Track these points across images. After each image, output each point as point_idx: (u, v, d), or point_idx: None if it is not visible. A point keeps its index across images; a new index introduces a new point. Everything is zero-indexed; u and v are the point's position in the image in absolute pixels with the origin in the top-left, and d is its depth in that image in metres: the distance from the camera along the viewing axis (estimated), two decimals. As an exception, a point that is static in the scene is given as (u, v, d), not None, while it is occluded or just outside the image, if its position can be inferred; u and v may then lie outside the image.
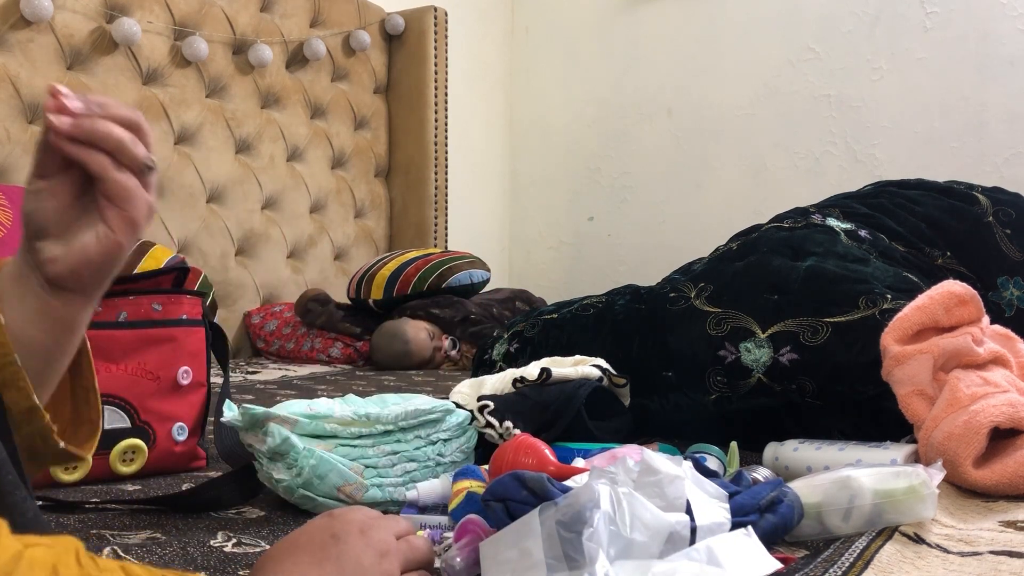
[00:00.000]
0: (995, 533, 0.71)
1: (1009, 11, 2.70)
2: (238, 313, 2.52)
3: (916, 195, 1.34)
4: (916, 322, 0.93)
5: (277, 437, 0.77)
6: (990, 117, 2.73)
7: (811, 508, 0.70)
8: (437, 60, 3.03)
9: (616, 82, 3.46)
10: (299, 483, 0.77)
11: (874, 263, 1.14)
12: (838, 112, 2.99)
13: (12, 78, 1.97)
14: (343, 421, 0.80)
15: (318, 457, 0.77)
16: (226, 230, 2.48)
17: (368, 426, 0.81)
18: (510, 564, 0.53)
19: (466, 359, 2.27)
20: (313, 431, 0.79)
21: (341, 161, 2.91)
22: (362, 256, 2.94)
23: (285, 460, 0.77)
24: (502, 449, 0.75)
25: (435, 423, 0.86)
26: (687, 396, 1.11)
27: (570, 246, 3.62)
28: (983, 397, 0.86)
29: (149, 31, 2.26)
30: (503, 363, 1.31)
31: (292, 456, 0.77)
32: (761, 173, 3.14)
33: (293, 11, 2.70)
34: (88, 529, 0.73)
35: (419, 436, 0.84)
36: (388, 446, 0.82)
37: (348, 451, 0.80)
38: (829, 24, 2.99)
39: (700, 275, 1.21)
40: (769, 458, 0.95)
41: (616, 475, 0.58)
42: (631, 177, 3.45)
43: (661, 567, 0.53)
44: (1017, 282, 1.22)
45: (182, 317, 0.99)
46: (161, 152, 2.30)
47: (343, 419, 0.81)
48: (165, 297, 0.99)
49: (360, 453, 0.80)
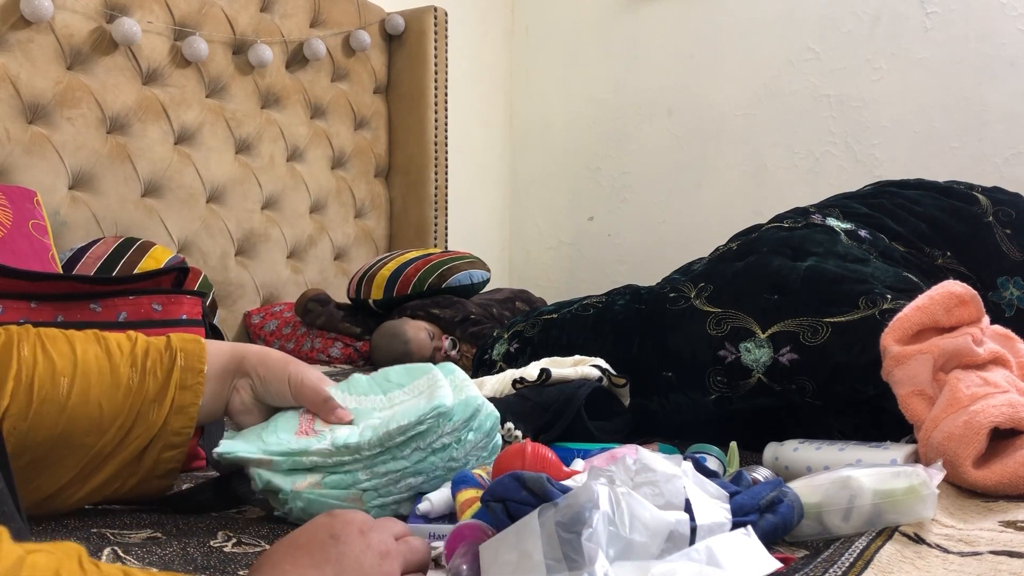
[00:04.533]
0: (995, 533, 0.71)
1: (1009, 11, 2.70)
2: (238, 313, 2.52)
3: (916, 195, 1.35)
4: (916, 322, 0.93)
5: (259, 482, 0.75)
6: (990, 117, 2.73)
7: (811, 508, 0.70)
8: (437, 60, 3.03)
9: (616, 82, 3.46)
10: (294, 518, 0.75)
11: (874, 263, 1.14)
12: (838, 112, 2.99)
13: (12, 78, 1.97)
14: (322, 453, 0.74)
15: (306, 499, 0.74)
16: (226, 230, 2.48)
17: (350, 453, 0.74)
18: (510, 566, 0.53)
19: (466, 359, 2.27)
20: (293, 466, 0.74)
21: (341, 161, 2.91)
22: (362, 256, 2.94)
23: (276, 499, 0.76)
24: (509, 457, 0.74)
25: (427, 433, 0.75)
26: (687, 396, 1.11)
27: (570, 246, 3.62)
28: (983, 397, 0.86)
29: (149, 31, 2.26)
30: (503, 363, 1.31)
31: (281, 497, 0.75)
32: (761, 173, 3.14)
33: (293, 11, 2.70)
34: (88, 528, 0.73)
35: (418, 448, 0.75)
36: (382, 467, 0.75)
37: (340, 478, 0.74)
38: (829, 24, 2.99)
39: (700, 275, 1.21)
40: (769, 458, 0.95)
41: (615, 475, 0.58)
42: (631, 177, 3.45)
43: (661, 567, 0.53)
44: (1017, 282, 1.22)
45: (182, 317, 0.99)
46: (161, 152, 2.30)
47: (322, 451, 0.74)
48: (165, 297, 0.99)
49: (352, 479, 0.74)
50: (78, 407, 0.71)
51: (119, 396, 0.73)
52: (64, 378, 0.70)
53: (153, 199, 2.29)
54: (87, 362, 0.72)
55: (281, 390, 0.80)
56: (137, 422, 0.74)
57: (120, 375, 0.73)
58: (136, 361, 0.75)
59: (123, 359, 0.74)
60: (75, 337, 0.74)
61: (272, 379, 0.80)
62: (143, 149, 2.25)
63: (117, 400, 0.73)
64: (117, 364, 0.74)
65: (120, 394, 0.73)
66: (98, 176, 2.15)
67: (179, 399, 0.76)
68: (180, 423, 0.76)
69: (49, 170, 2.04)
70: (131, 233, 2.18)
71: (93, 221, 2.12)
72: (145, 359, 0.75)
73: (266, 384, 0.80)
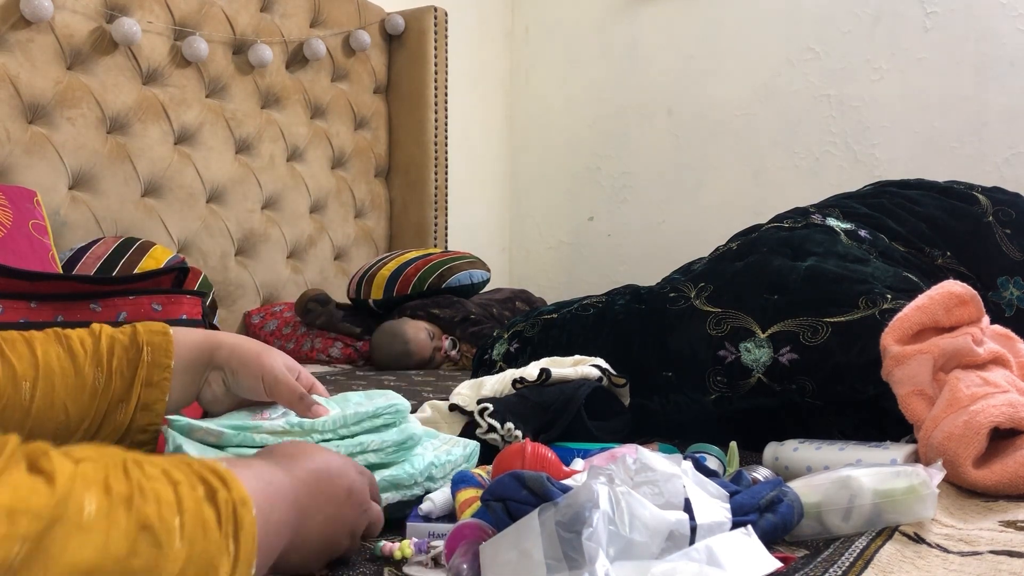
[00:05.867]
0: (995, 533, 0.71)
1: (1009, 11, 2.70)
2: (238, 313, 2.52)
3: (916, 195, 1.35)
4: (916, 322, 0.93)
5: (171, 445, 0.72)
6: (990, 117, 2.73)
7: (811, 508, 0.70)
8: (437, 60, 3.03)
9: (616, 82, 3.46)
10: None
11: (874, 263, 1.14)
12: (838, 112, 2.99)
13: (12, 78, 1.97)
14: (274, 430, 0.73)
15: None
16: (226, 230, 2.48)
17: (303, 435, 0.73)
18: (510, 565, 0.53)
19: (466, 359, 2.27)
20: (241, 442, 0.72)
21: (341, 161, 2.91)
22: (362, 256, 2.94)
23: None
24: (509, 457, 0.74)
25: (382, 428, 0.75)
26: (687, 396, 1.11)
27: (570, 246, 3.62)
28: (983, 397, 0.86)
29: (149, 31, 2.26)
30: (503, 363, 1.31)
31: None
32: (761, 173, 3.14)
33: (293, 11, 2.70)
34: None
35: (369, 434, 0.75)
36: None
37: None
38: (829, 24, 2.99)
39: (700, 275, 1.21)
40: (769, 458, 0.95)
41: (615, 474, 0.58)
42: (631, 177, 3.45)
43: (661, 567, 0.53)
44: (1017, 282, 1.22)
45: (182, 317, 0.99)
46: (161, 152, 2.30)
47: (274, 429, 0.73)
48: (165, 297, 0.99)
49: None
50: (43, 411, 0.69)
51: (85, 398, 0.72)
52: (26, 382, 0.69)
53: (153, 199, 2.29)
54: (49, 364, 0.70)
55: (254, 386, 0.77)
56: (104, 423, 0.73)
57: (85, 376, 0.72)
58: (101, 361, 0.73)
59: (87, 359, 0.73)
60: (35, 338, 0.72)
61: (245, 374, 0.77)
62: (143, 149, 2.25)
63: (83, 402, 0.72)
64: (82, 365, 0.72)
65: (86, 396, 0.72)
66: (98, 176, 2.15)
67: (144, 396, 0.74)
68: (146, 420, 0.75)
69: (49, 170, 2.04)
70: (131, 233, 2.18)
71: (93, 221, 2.12)
72: (111, 358, 0.74)
73: (238, 378, 0.78)
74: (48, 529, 0.35)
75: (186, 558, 0.41)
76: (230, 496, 0.45)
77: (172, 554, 0.40)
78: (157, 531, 0.40)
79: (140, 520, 0.40)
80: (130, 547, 0.38)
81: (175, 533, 0.41)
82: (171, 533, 0.41)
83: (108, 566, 0.37)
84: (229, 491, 0.45)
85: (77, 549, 0.36)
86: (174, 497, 0.42)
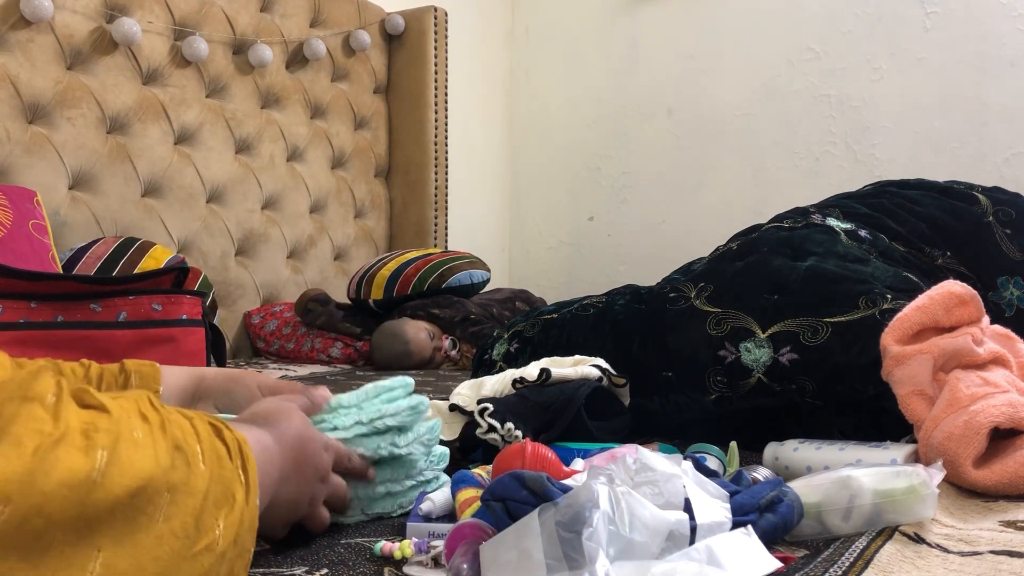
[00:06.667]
0: (995, 533, 0.71)
1: (1009, 11, 2.70)
2: (238, 313, 2.52)
3: (916, 195, 1.34)
4: (916, 322, 0.93)
5: None
6: (990, 117, 2.73)
7: (811, 508, 0.70)
8: (437, 60, 3.03)
9: (616, 82, 3.46)
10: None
11: (874, 263, 1.14)
12: (838, 112, 2.99)
13: (12, 78, 1.97)
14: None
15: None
16: (226, 230, 2.48)
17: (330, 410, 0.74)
18: (510, 565, 0.53)
19: (466, 359, 2.27)
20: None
21: (341, 161, 2.91)
22: (362, 256, 2.94)
23: None
24: (509, 456, 0.74)
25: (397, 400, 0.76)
26: (687, 396, 1.11)
27: (570, 246, 3.62)
28: (983, 397, 0.86)
29: (149, 31, 2.26)
30: (503, 363, 1.31)
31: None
32: (761, 173, 3.14)
33: (293, 11, 2.70)
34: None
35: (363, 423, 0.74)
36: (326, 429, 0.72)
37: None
38: (829, 24, 2.99)
39: (700, 275, 1.21)
40: (769, 458, 0.95)
41: (615, 474, 0.58)
42: (631, 177, 3.45)
43: (661, 567, 0.53)
44: (1017, 282, 1.22)
45: (182, 317, 0.99)
46: (161, 152, 2.30)
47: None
48: (165, 297, 0.99)
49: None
50: None
51: None
52: None
53: (153, 199, 2.29)
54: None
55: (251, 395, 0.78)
56: None
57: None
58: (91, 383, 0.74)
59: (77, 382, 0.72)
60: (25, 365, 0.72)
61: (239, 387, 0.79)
62: (143, 149, 2.25)
63: None
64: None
65: None
66: (98, 176, 2.15)
67: None
68: None
69: (49, 170, 2.04)
70: (131, 233, 2.18)
71: (93, 221, 2.12)
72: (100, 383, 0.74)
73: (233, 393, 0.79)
74: (116, 443, 0.42)
75: (209, 478, 0.47)
76: (234, 435, 0.52)
77: (199, 472, 0.47)
78: (187, 452, 0.47)
79: (173, 441, 0.46)
80: (170, 461, 0.45)
81: (199, 457, 0.47)
82: (196, 456, 0.47)
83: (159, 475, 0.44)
84: (232, 432, 0.52)
85: (140, 460, 0.43)
86: (192, 428, 0.49)
